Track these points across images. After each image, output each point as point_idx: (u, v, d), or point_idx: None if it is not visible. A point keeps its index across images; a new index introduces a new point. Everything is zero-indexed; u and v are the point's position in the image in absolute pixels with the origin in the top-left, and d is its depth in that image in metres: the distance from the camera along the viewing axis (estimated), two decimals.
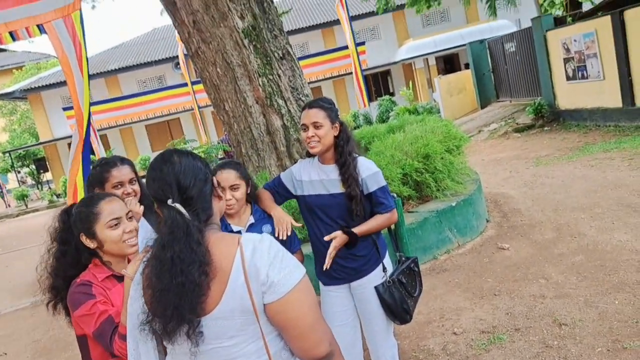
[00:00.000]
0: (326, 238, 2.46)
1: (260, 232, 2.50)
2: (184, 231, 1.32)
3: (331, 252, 2.45)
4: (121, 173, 2.34)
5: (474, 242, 5.60)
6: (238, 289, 1.30)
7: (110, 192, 2.14)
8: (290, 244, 2.60)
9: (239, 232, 2.48)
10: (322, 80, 24.56)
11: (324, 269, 2.50)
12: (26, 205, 23.86)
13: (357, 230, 2.48)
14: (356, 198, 2.49)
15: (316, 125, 2.47)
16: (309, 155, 2.67)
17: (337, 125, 2.54)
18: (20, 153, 28.32)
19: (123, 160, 2.42)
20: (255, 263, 1.31)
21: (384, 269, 2.61)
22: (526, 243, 5.27)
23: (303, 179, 2.66)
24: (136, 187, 2.37)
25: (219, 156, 9.87)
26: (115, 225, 1.87)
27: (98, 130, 9.09)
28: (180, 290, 1.28)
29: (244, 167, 2.60)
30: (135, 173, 2.41)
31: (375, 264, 2.61)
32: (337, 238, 2.45)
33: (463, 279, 4.70)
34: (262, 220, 2.58)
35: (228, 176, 2.47)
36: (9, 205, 25.56)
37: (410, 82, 22.56)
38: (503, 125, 13.60)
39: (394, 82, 26.70)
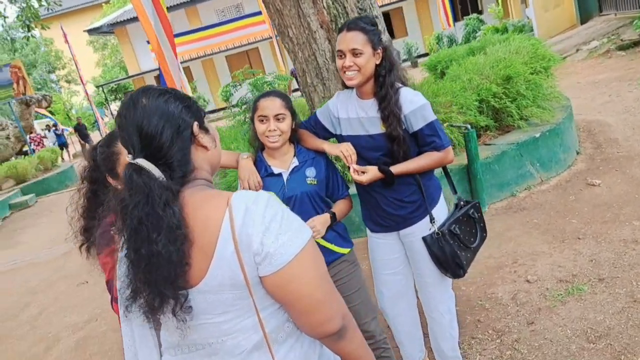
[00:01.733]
0: (355, 168, 2.17)
1: (304, 176, 2.24)
2: (144, 192, 1.09)
3: (360, 180, 2.18)
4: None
5: (560, 178, 5.04)
6: (227, 260, 1.09)
7: None
8: (337, 188, 2.35)
9: (279, 175, 2.24)
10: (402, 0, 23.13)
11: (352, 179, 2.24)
12: None
13: (394, 169, 2.16)
14: (398, 139, 2.14)
15: (355, 53, 2.10)
16: (345, 86, 2.31)
17: (379, 51, 2.15)
18: (112, 87, 29.75)
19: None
20: (247, 230, 1.08)
21: (432, 220, 2.29)
22: (621, 178, 4.64)
23: (340, 116, 2.33)
24: None
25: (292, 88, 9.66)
26: None
27: (181, 63, 9.11)
28: (149, 262, 1.08)
29: (289, 99, 2.30)
30: None
31: (426, 211, 2.30)
32: (367, 173, 2.16)
33: (543, 219, 4.24)
34: (305, 162, 2.29)
35: (273, 103, 2.17)
36: None
37: None
38: (605, 42, 12.10)
39: None
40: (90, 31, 27.48)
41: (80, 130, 19.94)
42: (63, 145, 20.73)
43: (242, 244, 1.08)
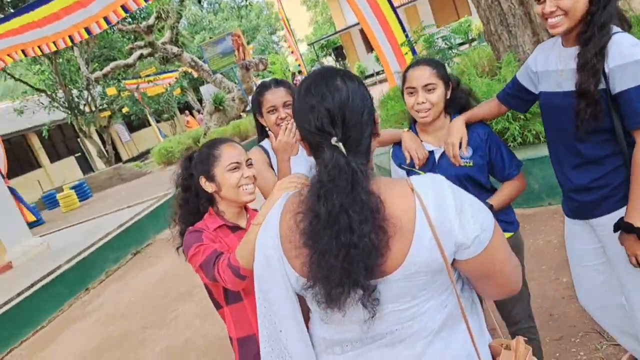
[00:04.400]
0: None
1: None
2: (348, 178, 1.06)
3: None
4: (275, 96, 2.19)
5: None
6: (425, 245, 1.07)
7: (231, 138, 2.06)
8: (501, 167, 2.01)
9: (431, 152, 2.04)
10: None
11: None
12: None
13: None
14: (588, 96, 1.70)
15: None
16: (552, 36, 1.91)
17: None
18: (322, 43, 31.30)
19: (278, 83, 2.28)
20: (444, 215, 1.07)
21: None
22: None
23: (539, 69, 1.94)
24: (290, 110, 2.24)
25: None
26: (235, 169, 1.83)
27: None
28: (349, 252, 1.05)
29: (444, 67, 2.08)
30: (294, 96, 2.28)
31: (626, 198, 1.79)
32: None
33: None
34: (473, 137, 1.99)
35: (421, 73, 1.96)
36: None
37: None
38: None
39: None
40: None
41: None
42: None
43: (440, 229, 1.06)
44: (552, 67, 1.87)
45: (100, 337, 5.11)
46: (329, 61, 33.62)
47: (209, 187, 1.86)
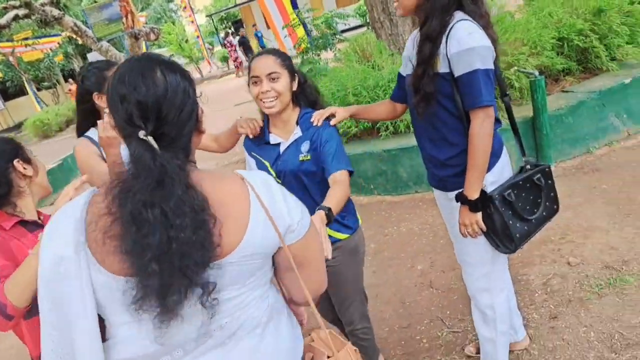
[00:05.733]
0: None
1: (298, 150, 1.93)
2: (154, 175, 0.99)
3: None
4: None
5: None
6: (260, 225, 1.09)
7: None
8: (328, 160, 1.88)
9: (277, 144, 1.98)
10: None
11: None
12: (228, 67, 25.91)
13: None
14: (415, 78, 1.87)
15: None
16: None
17: None
18: (222, 16, 30.30)
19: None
20: (274, 202, 1.12)
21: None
22: None
23: (404, 54, 2.06)
24: None
25: None
26: None
27: None
28: (170, 250, 0.98)
29: (289, 58, 2.00)
30: None
31: None
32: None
33: (613, 185, 3.63)
34: (309, 131, 1.96)
35: (265, 62, 1.90)
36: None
37: None
38: None
39: None
40: None
41: (244, 44, 19.92)
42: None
43: (273, 211, 1.11)
44: (408, 53, 1.99)
45: None
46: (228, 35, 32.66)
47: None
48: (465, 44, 1.74)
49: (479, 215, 1.87)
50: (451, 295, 2.98)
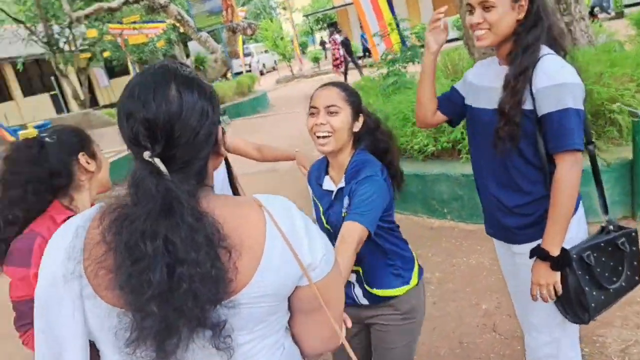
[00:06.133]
0: None
1: (342, 204, 1.72)
2: (157, 201, 0.88)
3: None
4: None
5: None
6: (275, 262, 0.96)
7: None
8: (352, 206, 1.64)
9: (330, 192, 1.78)
10: None
11: None
12: (319, 68, 26.23)
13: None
14: (505, 114, 1.67)
15: (485, 6, 1.65)
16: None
17: (522, 2, 1.65)
18: (318, 17, 30.70)
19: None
20: (295, 232, 0.99)
21: None
22: None
23: (473, 81, 1.90)
24: None
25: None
26: None
27: None
28: (178, 288, 0.87)
29: (357, 95, 1.80)
30: None
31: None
32: None
33: None
34: (349, 185, 1.71)
35: (327, 93, 1.73)
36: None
37: None
38: None
39: None
40: None
41: (347, 46, 19.08)
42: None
43: (294, 243, 0.98)
44: (486, 83, 1.83)
45: None
46: (324, 35, 33.04)
47: (89, 165, 1.64)
48: (557, 79, 1.58)
49: (558, 275, 1.66)
50: (515, 344, 2.76)
